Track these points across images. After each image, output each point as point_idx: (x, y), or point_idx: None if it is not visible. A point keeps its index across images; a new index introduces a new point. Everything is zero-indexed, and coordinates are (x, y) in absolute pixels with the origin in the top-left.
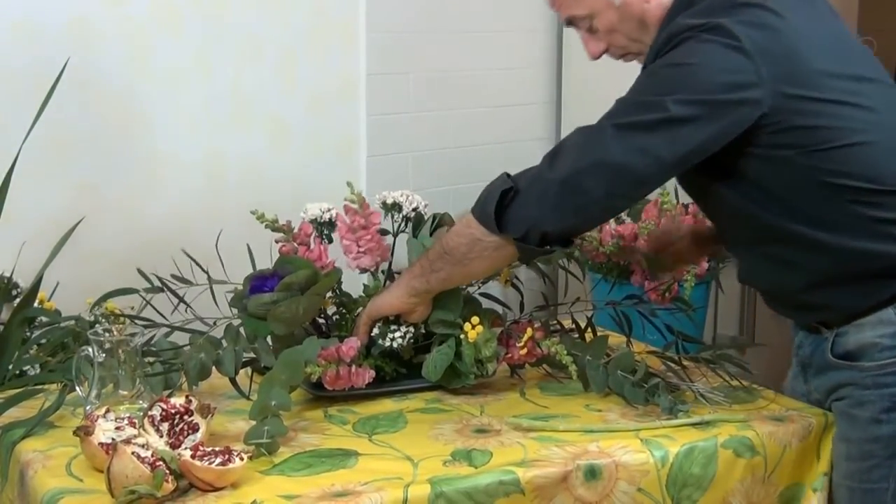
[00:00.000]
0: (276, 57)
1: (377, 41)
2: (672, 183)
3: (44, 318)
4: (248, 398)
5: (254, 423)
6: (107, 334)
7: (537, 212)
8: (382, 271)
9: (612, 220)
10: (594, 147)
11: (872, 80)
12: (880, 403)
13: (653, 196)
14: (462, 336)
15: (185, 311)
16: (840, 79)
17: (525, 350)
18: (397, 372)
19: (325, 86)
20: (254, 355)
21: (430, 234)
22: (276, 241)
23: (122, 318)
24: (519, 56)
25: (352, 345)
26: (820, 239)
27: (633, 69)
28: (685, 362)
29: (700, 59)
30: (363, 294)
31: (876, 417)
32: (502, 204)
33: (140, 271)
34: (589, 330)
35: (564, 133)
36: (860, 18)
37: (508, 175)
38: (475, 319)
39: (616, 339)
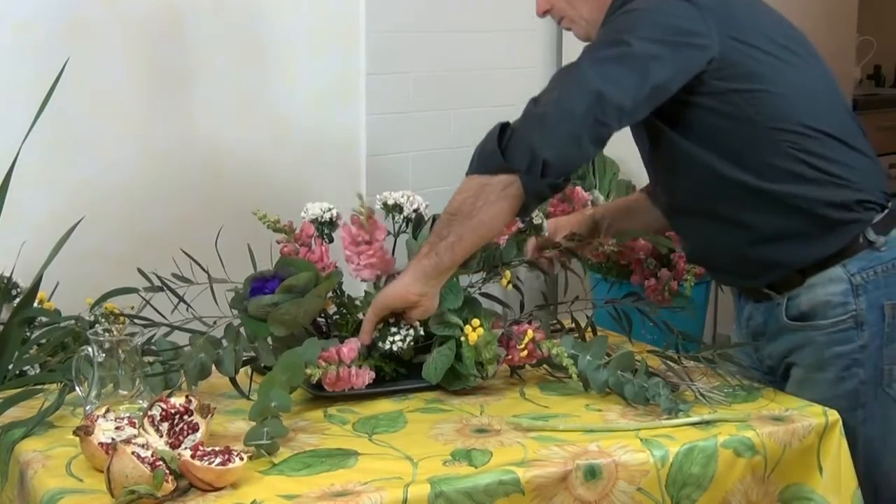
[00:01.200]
0: (276, 56)
1: (377, 41)
2: None
3: (44, 318)
4: (248, 398)
5: (253, 423)
6: (107, 334)
7: (536, 139)
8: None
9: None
10: (574, 79)
11: (797, 53)
12: (840, 363)
13: None
14: (462, 338)
15: (186, 310)
16: (772, 41)
17: (525, 352)
18: (397, 372)
19: (326, 85)
20: (254, 354)
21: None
22: (278, 242)
23: (121, 318)
24: (519, 56)
25: (352, 346)
26: (764, 188)
27: None
28: (685, 362)
29: (652, 6)
30: (364, 300)
31: (838, 376)
32: (501, 143)
33: (140, 270)
34: (589, 329)
35: None
36: (860, 18)
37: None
38: (476, 322)
39: (616, 338)
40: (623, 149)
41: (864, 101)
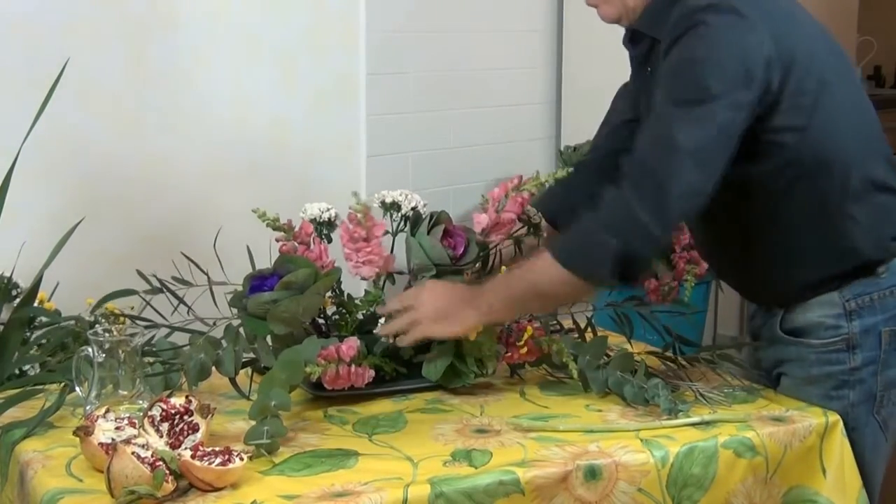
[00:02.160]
0: (276, 57)
1: (377, 41)
2: None
3: (44, 318)
4: (247, 398)
5: (253, 423)
6: (107, 334)
7: (645, 258)
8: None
9: None
10: (675, 172)
11: (840, 73)
12: (829, 383)
13: None
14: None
15: (186, 311)
16: (822, 66)
17: (525, 349)
18: (397, 372)
19: (325, 85)
20: (253, 355)
21: (428, 232)
22: (277, 241)
23: (122, 318)
24: (519, 56)
25: (351, 344)
26: (795, 228)
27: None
28: (685, 362)
29: (723, 40)
30: (364, 299)
31: (827, 394)
32: (610, 260)
33: (139, 273)
34: (588, 330)
35: (564, 133)
36: (860, 18)
37: (595, 219)
38: None
39: (616, 338)
40: None
41: None
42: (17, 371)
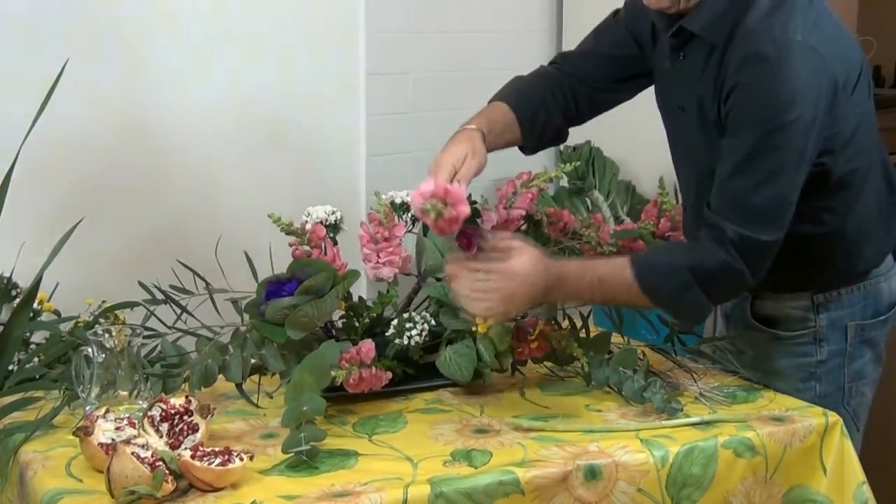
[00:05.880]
0: (275, 57)
1: (377, 41)
2: (671, 184)
3: (43, 319)
4: (255, 405)
5: (251, 432)
6: (106, 335)
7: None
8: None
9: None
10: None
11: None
12: (797, 375)
13: (653, 195)
14: (474, 329)
15: (187, 318)
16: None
17: (536, 344)
18: (405, 373)
19: (325, 86)
20: (260, 362)
21: None
22: (290, 245)
23: (121, 318)
24: (519, 56)
25: (370, 346)
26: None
27: None
28: (686, 361)
29: (795, 84)
30: (378, 300)
31: (794, 387)
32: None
33: (142, 284)
34: (582, 330)
35: None
36: (860, 18)
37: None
38: None
39: (616, 339)
40: (623, 149)
41: None
42: (17, 380)
